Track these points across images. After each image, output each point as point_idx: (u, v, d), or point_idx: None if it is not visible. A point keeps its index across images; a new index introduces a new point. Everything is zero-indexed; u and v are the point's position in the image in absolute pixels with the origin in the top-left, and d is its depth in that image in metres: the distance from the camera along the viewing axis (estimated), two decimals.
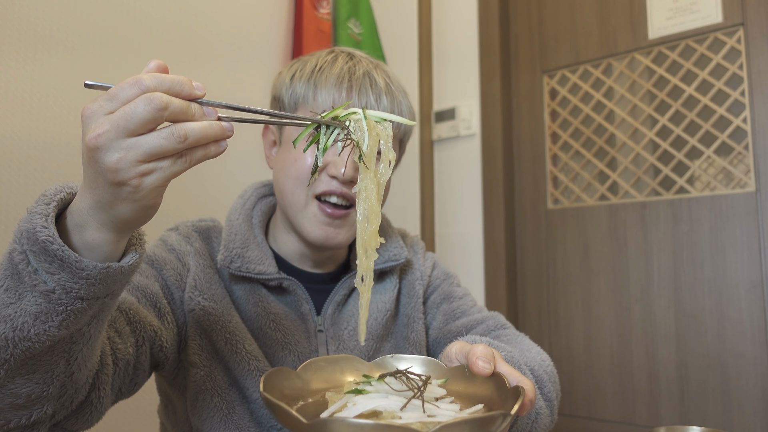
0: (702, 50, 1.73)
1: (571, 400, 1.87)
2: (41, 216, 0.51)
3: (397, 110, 0.86)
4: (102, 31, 1.38)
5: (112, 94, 0.48)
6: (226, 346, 0.80)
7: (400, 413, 0.49)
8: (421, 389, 0.53)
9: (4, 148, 1.19)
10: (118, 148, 0.47)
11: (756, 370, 1.56)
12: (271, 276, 0.84)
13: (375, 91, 0.84)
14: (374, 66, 0.88)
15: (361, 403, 0.51)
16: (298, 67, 0.88)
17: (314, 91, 0.84)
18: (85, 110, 0.49)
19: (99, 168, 0.48)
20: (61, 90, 1.29)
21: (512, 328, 0.95)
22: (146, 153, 0.48)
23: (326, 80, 0.83)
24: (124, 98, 0.47)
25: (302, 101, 0.85)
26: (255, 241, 0.87)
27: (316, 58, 0.87)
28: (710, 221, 1.67)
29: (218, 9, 1.65)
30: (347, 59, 0.87)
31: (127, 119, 0.47)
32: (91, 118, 0.48)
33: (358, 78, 0.84)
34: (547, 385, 0.82)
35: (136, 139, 0.47)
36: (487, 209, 2.01)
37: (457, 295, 0.98)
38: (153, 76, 0.48)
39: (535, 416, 0.77)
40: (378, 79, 0.85)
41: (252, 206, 0.93)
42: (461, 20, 2.15)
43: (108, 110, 0.48)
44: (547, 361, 0.87)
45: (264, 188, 0.96)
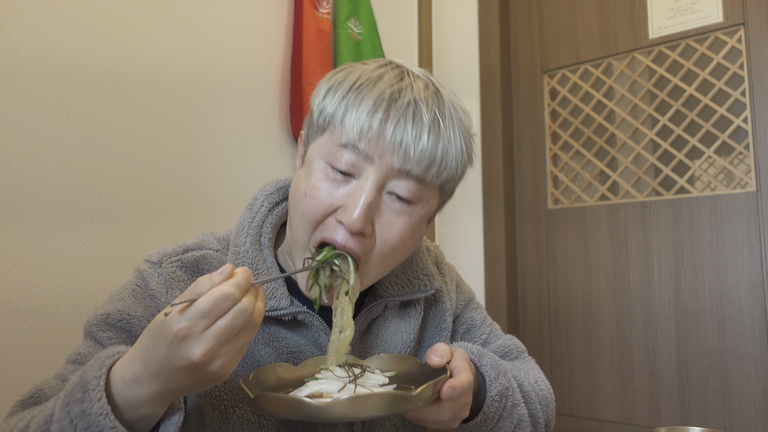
0: (702, 50, 1.73)
1: (571, 400, 1.87)
2: (103, 416, 0.55)
3: (442, 151, 0.69)
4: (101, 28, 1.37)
5: (206, 310, 0.52)
6: (214, 412, 0.73)
7: (336, 394, 0.60)
8: (357, 376, 0.65)
9: (4, 149, 1.19)
10: (221, 355, 0.54)
11: (756, 370, 1.56)
12: (284, 311, 0.74)
13: (416, 127, 0.67)
14: (430, 93, 0.70)
15: (311, 386, 0.64)
16: (338, 79, 0.72)
17: (343, 113, 0.68)
18: (180, 330, 0.52)
19: (202, 374, 0.54)
20: (62, 85, 1.29)
21: (526, 352, 0.96)
22: (240, 351, 0.56)
23: (360, 103, 0.67)
24: (218, 313, 0.53)
25: (329, 123, 0.70)
26: (264, 266, 0.77)
27: (360, 71, 0.71)
28: (711, 221, 1.67)
29: (218, 9, 1.65)
30: (396, 79, 0.69)
31: (230, 333, 0.53)
32: (190, 337, 0.53)
33: (399, 107, 0.67)
34: (534, 403, 0.82)
35: (233, 343, 0.54)
36: (487, 209, 2.01)
37: (477, 323, 0.94)
38: (236, 286, 0.54)
39: (517, 422, 0.78)
40: (424, 112, 0.68)
41: (261, 221, 0.80)
42: (461, 20, 2.15)
43: (204, 326, 0.53)
44: (544, 385, 0.88)
45: (276, 194, 0.83)
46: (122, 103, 1.40)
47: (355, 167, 0.67)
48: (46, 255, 1.24)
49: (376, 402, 0.57)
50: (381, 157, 0.67)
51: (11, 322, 1.17)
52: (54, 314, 1.24)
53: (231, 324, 0.53)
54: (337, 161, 0.67)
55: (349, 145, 0.67)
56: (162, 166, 1.48)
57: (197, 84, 1.58)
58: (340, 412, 0.56)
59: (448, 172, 0.71)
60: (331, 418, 0.56)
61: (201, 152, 1.57)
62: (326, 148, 0.69)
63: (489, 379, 0.76)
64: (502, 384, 0.76)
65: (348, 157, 0.67)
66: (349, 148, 0.67)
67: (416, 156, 0.67)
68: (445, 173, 0.71)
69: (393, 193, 0.69)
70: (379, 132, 0.66)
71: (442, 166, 0.69)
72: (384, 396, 0.58)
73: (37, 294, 1.22)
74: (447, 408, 0.66)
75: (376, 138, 0.66)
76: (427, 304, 0.89)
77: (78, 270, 1.29)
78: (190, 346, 0.52)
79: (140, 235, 1.41)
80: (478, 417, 0.74)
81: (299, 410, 0.57)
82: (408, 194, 0.69)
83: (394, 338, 0.83)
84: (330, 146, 0.69)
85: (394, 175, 0.68)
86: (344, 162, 0.67)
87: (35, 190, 1.23)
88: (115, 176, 1.38)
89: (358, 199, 0.67)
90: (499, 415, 0.76)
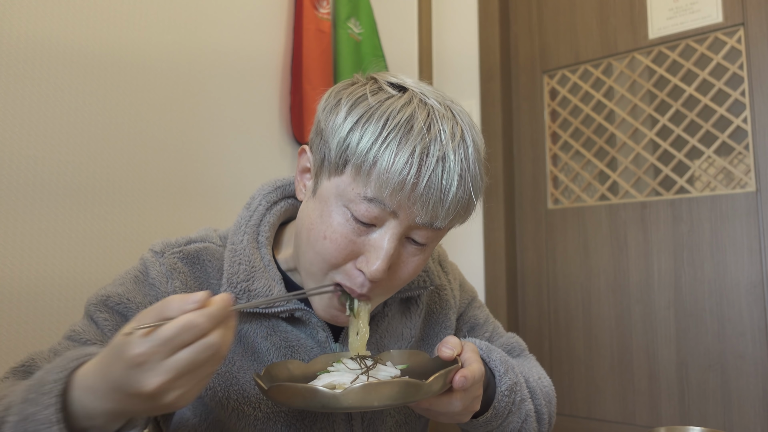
0: (702, 50, 1.73)
1: (571, 400, 1.87)
2: (46, 426, 0.52)
3: (466, 202, 0.68)
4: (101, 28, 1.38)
5: (167, 339, 0.49)
6: (212, 401, 0.74)
7: (349, 385, 0.59)
8: (369, 368, 0.66)
9: (4, 141, 1.19)
10: (177, 387, 0.50)
11: (756, 370, 1.56)
12: (281, 308, 0.75)
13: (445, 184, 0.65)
14: (457, 140, 0.66)
15: (323, 378, 0.66)
16: (361, 113, 0.66)
17: (371, 165, 0.64)
18: (137, 356, 0.49)
19: (154, 404, 0.51)
20: (62, 84, 1.29)
21: (527, 350, 0.98)
22: (201, 384, 0.52)
23: (391, 159, 0.63)
24: (180, 344, 0.49)
25: (354, 166, 0.65)
26: (261, 264, 0.77)
27: (388, 109, 0.65)
28: (710, 221, 1.67)
29: (219, 9, 1.65)
30: (426, 126, 0.65)
31: (190, 367, 0.50)
32: (145, 365, 0.49)
33: (430, 164, 0.64)
34: (539, 399, 0.84)
35: (192, 375, 0.51)
36: (487, 209, 2.01)
37: (480, 321, 0.95)
38: (207, 317, 0.50)
39: (524, 417, 0.79)
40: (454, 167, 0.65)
41: (259, 220, 0.80)
42: (461, 20, 2.15)
43: (164, 356, 0.49)
44: (547, 382, 0.89)
45: (274, 193, 0.83)
46: (123, 101, 1.41)
47: (378, 219, 0.66)
48: (47, 244, 1.24)
49: (390, 390, 0.57)
50: (407, 214, 0.66)
51: (12, 310, 1.18)
52: (54, 303, 1.24)
53: (193, 359, 0.49)
54: (360, 212, 0.65)
55: (376, 201, 0.65)
56: (162, 165, 1.48)
57: (197, 83, 1.58)
58: (353, 401, 0.56)
59: (466, 217, 0.71)
60: (344, 406, 0.56)
61: (201, 151, 1.57)
62: (347, 193, 0.66)
63: (498, 374, 0.77)
64: (511, 379, 0.77)
65: (372, 211, 0.65)
66: (375, 203, 0.65)
67: (443, 213, 0.66)
68: (464, 219, 0.71)
69: (411, 239, 0.69)
70: (410, 193, 0.64)
71: (464, 215, 0.70)
72: (397, 384, 0.58)
73: (38, 283, 1.22)
74: (459, 399, 0.66)
75: (406, 198, 0.64)
76: (430, 301, 0.89)
77: (78, 259, 1.29)
78: (144, 375, 0.49)
79: (140, 232, 1.41)
80: (488, 411, 0.75)
81: (314, 399, 0.57)
82: (425, 240, 0.70)
83: (395, 335, 0.83)
84: (352, 194, 0.66)
85: (416, 227, 0.68)
86: (368, 215, 0.65)
87: (36, 181, 1.23)
88: (115, 176, 1.38)
89: (380, 251, 0.66)
90: (508, 410, 0.77)
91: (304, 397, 0.57)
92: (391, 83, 0.70)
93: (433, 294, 0.89)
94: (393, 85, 0.69)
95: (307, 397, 0.57)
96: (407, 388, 0.58)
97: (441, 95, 0.70)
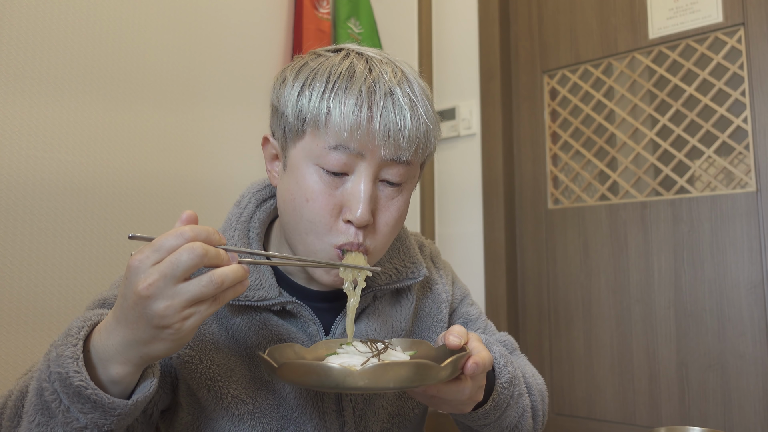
0: (702, 50, 1.73)
1: (571, 400, 1.87)
2: (72, 360, 0.55)
3: (425, 130, 0.72)
4: (101, 27, 1.37)
5: (157, 245, 0.53)
6: (209, 393, 0.74)
7: (359, 367, 0.59)
8: (380, 351, 0.66)
9: (4, 149, 1.19)
10: (166, 295, 0.52)
11: (756, 370, 1.56)
12: (272, 301, 0.76)
13: (398, 115, 0.69)
14: (398, 77, 0.71)
15: (333, 360, 0.64)
16: (306, 75, 0.71)
17: (326, 114, 0.68)
18: (132, 261, 0.53)
19: (146, 313, 0.53)
20: (63, 85, 1.29)
21: (519, 350, 0.97)
22: (190, 300, 0.53)
23: (342, 101, 0.67)
24: (168, 248, 0.52)
25: (312, 122, 0.69)
26: (252, 259, 0.77)
27: (329, 65, 0.71)
28: (710, 221, 1.67)
29: (219, 9, 1.65)
30: (366, 70, 0.70)
31: (174, 268, 0.52)
32: (139, 268, 0.52)
33: (379, 99, 0.68)
34: (535, 395, 0.85)
35: (180, 286, 0.52)
36: (487, 209, 2.01)
37: (473, 318, 0.95)
38: (191, 228, 0.53)
39: (521, 411, 0.80)
40: (401, 99, 0.70)
41: (249, 217, 0.82)
42: (461, 20, 2.15)
43: (154, 260, 0.52)
44: (540, 380, 0.90)
45: (263, 191, 0.86)
46: (121, 101, 1.40)
47: (348, 166, 0.69)
48: (47, 244, 1.24)
49: (404, 371, 0.57)
50: (372, 152, 0.69)
51: (11, 322, 1.17)
52: (54, 314, 1.24)
53: (176, 259, 0.52)
54: (330, 164, 0.68)
55: (340, 147, 0.68)
56: (161, 165, 1.48)
57: (197, 83, 1.58)
58: (368, 381, 0.56)
59: (429, 148, 0.75)
60: (358, 386, 0.56)
61: (201, 151, 1.57)
62: (313, 150, 0.69)
63: (498, 366, 0.77)
64: (510, 372, 0.77)
65: (340, 158, 0.68)
66: (339, 149, 0.68)
67: (405, 143, 0.69)
68: (428, 150, 0.75)
69: (385, 180, 0.72)
70: (367, 129, 0.67)
71: (426, 144, 0.73)
72: (411, 365, 0.58)
73: (38, 283, 1.22)
74: (468, 386, 0.67)
75: (365, 135, 0.67)
76: (422, 294, 0.89)
77: (78, 259, 1.29)
78: (137, 278, 0.52)
79: (140, 232, 1.41)
80: (488, 403, 0.75)
81: (328, 378, 0.56)
82: (399, 178, 0.72)
83: (385, 327, 0.83)
84: (317, 149, 0.69)
85: (385, 164, 0.70)
86: (337, 164, 0.68)
87: (36, 181, 1.23)
88: (115, 176, 1.38)
89: (358, 194, 0.69)
90: (506, 403, 0.77)
91: (318, 374, 0.57)
92: (328, 50, 0.76)
93: (424, 288, 0.90)
94: (330, 51, 0.75)
95: (321, 375, 0.57)
96: (421, 369, 0.58)
97: (377, 50, 0.75)
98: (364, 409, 0.80)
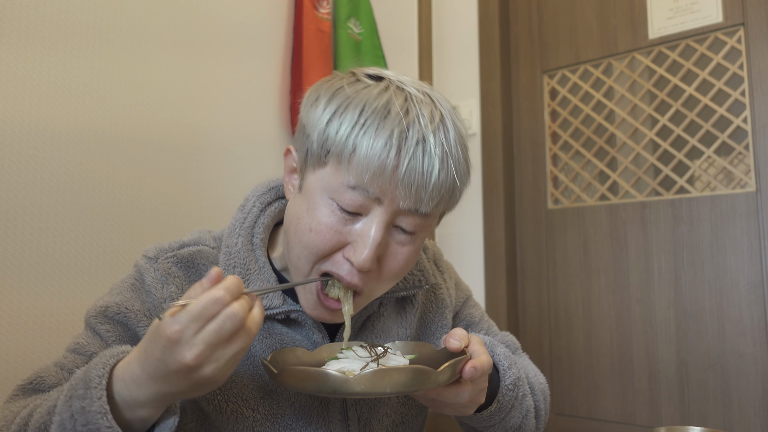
0: (702, 50, 1.73)
1: (571, 400, 1.87)
2: (101, 415, 0.56)
3: (451, 186, 0.68)
4: (103, 27, 1.38)
5: (196, 314, 0.53)
6: (209, 406, 0.73)
7: (358, 372, 0.60)
8: (379, 356, 0.66)
9: (4, 149, 1.19)
10: (213, 360, 0.54)
11: (756, 370, 1.56)
12: (277, 309, 0.74)
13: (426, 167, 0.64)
14: (436, 123, 0.66)
15: (332, 365, 0.66)
16: (339, 103, 0.67)
17: (351, 152, 0.64)
18: (171, 333, 0.53)
19: (193, 377, 0.55)
20: (63, 85, 1.29)
21: (520, 349, 0.97)
22: (234, 358, 0.56)
23: (370, 143, 0.63)
24: (208, 316, 0.54)
25: (335, 156, 0.66)
26: (256, 266, 0.77)
27: (364, 98, 0.66)
28: (710, 221, 1.67)
29: (219, 9, 1.65)
30: (403, 110, 0.65)
31: (219, 337, 0.54)
32: (181, 340, 0.53)
33: (409, 147, 0.64)
34: (537, 395, 0.84)
35: (225, 348, 0.55)
36: (487, 209, 2.01)
37: (476, 319, 0.95)
38: (225, 289, 0.55)
39: (525, 412, 0.79)
40: (434, 150, 0.65)
41: (253, 222, 0.80)
42: (461, 20, 2.15)
43: (195, 330, 0.53)
44: (542, 379, 0.90)
45: (268, 194, 0.83)
46: (123, 103, 1.41)
47: (363, 207, 0.66)
48: (47, 244, 1.24)
49: (401, 376, 0.58)
50: (391, 200, 0.65)
51: (11, 322, 1.18)
52: (54, 314, 1.24)
53: (220, 328, 0.54)
54: (345, 202, 0.65)
55: (359, 188, 0.65)
56: (163, 166, 1.48)
57: (197, 83, 1.58)
58: (365, 386, 0.57)
59: (453, 202, 0.71)
60: (356, 392, 0.57)
61: (201, 152, 1.57)
62: (331, 184, 0.66)
63: (503, 368, 0.77)
64: (515, 374, 0.77)
65: (356, 199, 0.65)
66: (358, 190, 0.65)
67: (427, 196, 0.66)
68: (451, 204, 0.72)
69: (399, 227, 0.69)
70: (391, 176, 0.63)
71: (450, 199, 0.70)
72: (408, 371, 0.58)
73: (38, 283, 1.22)
74: (467, 389, 0.67)
75: (387, 182, 0.64)
76: (426, 300, 0.89)
77: (78, 259, 1.29)
78: (182, 350, 0.53)
79: (141, 235, 1.41)
80: (492, 405, 0.75)
81: (325, 384, 0.58)
82: (413, 228, 0.69)
83: (390, 334, 0.83)
84: (335, 183, 0.66)
85: (402, 213, 0.67)
86: (352, 204, 0.65)
87: (36, 181, 1.23)
88: (115, 177, 1.38)
89: (367, 239, 0.66)
90: (511, 404, 0.77)
91: (316, 381, 0.58)
92: (369, 75, 0.71)
93: (428, 293, 0.89)
94: (371, 77, 0.70)
95: (319, 381, 0.58)
96: (418, 375, 0.58)
97: (419, 83, 0.70)
98: (369, 417, 0.80)
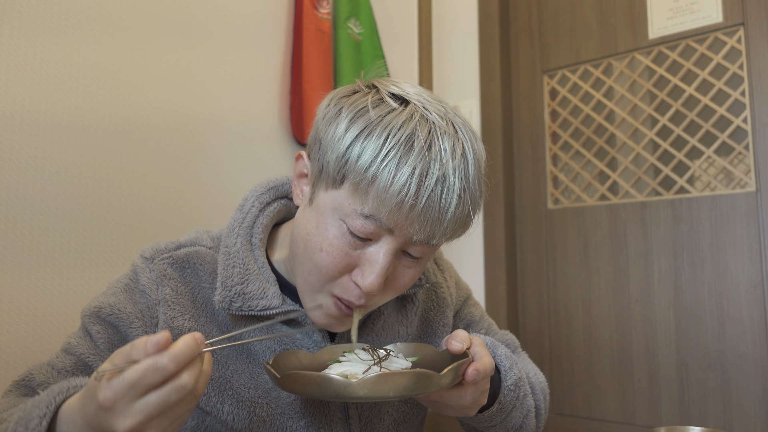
0: (702, 50, 1.73)
1: (571, 400, 1.87)
2: None
3: (464, 220, 0.68)
4: (100, 15, 1.38)
5: (131, 383, 0.49)
6: (208, 405, 0.74)
7: (362, 375, 0.60)
8: (381, 359, 0.66)
9: (4, 149, 1.19)
10: (152, 427, 0.51)
11: (756, 370, 1.56)
12: (276, 310, 0.75)
13: (443, 205, 0.64)
14: (458, 159, 0.65)
15: (335, 368, 0.65)
16: (362, 126, 0.64)
17: (369, 183, 0.63)
18: (104, 401, 0.49)
19: None
20: (63, 84, 1.29)
21: (520, 347, 0.98)
22: (178, 421, 0.53)
23: (390, 179, 0.62)
24: (145, 386, 0.49)
25: (352, 183, 0.65)
26: (255, 266, 0.77)
27: (387, 125, 0.64)
28: (710, 221, 1.67)
29: (218, 9, 1.65)
30: (426, 145, 0.63)
31: (162, 409, 0.50)
32: (115, 409, 0.49)
33: (429, 185, 0.62)
34: (538, 394, 0.85)
35: (167, 415, 0.51)
36: (487, 209, 2.01)
37: (476, 318, 0.95)
38: (172, 359, 0.49)
39: (526, 412, 0.80)
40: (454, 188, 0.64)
41: (252, 222, 0.80)
42: (461, 20, 2.15)
43: (131, 399, 0.49)
44: (542, 378, 0.90)
45: (267, 194, 0.82)
46: (122, 103, 1.41)
47: (374, 235, 0.66)
48: (47, 244, 1.24)
49: (404, 380, 0.58)
50: (403, 232, 0.66)
51: (11, 322, 1.18)
52: (54, 314, 1.24)
53: (163, 401, 0.49)
54: (356, 228, 0.65)
55: (372, 218, 0.64)
56: (162, 166, 1.48)
57: (197, 83, 1.58)
58: (368, 390, 0.57)
59: (463, 231, 0.71)
60: (358, 396, 0.57)
61: (201, 152, 1.57)
62: (344, 208, 0.66)
63: (504, 369, 0.77)
64: (516, 375, 0.77)
65: (368, 227, 0.65)
66: (371, 219, 0.64)
67: (440, 231, 0.66)
68: (460, 233, 0.71)
69: (407, 252, 0.69)
70: (407, 213, 0.63)
71: (462, 230, 0.70)
72: (411, 375, 0.58)
73: (38, 283, 1.22)
74: (470, 392, 0.67)
75: (403, 218, 0.64)
76: (427, 299, 0.89)
77: (78, 259, 1.29)
78: (115, 418, 0.50)
79: (140, 236, 1.41)
80: (494, 406, 0.75)
81: (328, 388, 0.57)
82: (421, 254, 0.70)
83: (391, 333, 0.83)
84: (348, 209, 0.65)
85: (412, 243, 0.68)
86: (363, 231, 0.65)
87: (35, 190, 1.23)
88: (115, 177, 1.38)
89: (375, 265, 0.66)
90: (512, 405, 0.77)
91: (319, 385, 0.58)
92: (393, 94, 0.68)
93: (429, 292, 0.89)
94: (394, 96, 0.68)
95: (322, 386, 0.57)
96: (421, 378, 0.58)
97: (443, 107, 0.69)
98: (370, 416, 0.80)
